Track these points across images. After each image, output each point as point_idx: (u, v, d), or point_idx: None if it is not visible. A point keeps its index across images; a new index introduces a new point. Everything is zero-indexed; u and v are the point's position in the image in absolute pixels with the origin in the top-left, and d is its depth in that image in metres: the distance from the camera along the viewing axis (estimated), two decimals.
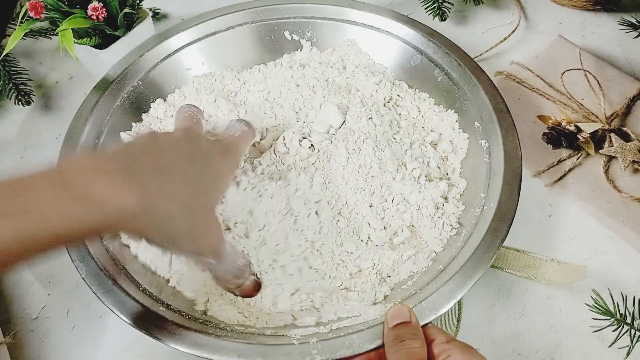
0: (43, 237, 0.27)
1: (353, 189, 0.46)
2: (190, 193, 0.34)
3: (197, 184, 0.35)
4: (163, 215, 0.32)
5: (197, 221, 0.35)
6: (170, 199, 0.33)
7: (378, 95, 0.54)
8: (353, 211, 0.46)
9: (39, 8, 0.53)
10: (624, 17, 0.66)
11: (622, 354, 0.41)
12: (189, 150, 0.37)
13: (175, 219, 0.33)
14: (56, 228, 0.28)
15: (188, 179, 0.35)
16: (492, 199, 0.44)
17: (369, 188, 0.46)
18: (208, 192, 0.37)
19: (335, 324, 0.40)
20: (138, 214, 0.31)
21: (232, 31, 0.60)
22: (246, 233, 0.44)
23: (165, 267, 0.44)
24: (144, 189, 0.31)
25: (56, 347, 0.46)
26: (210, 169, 0.37)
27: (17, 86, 0.61)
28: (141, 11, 0.61)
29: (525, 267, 0.46)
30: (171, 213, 0.33)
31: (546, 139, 0.55)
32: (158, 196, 0.32)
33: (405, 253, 0.45)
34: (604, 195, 0.52)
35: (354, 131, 0.48)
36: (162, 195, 0.32)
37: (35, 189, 0.28)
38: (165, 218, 0.32)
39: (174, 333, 0.38)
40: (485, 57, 0.65)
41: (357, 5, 0.59)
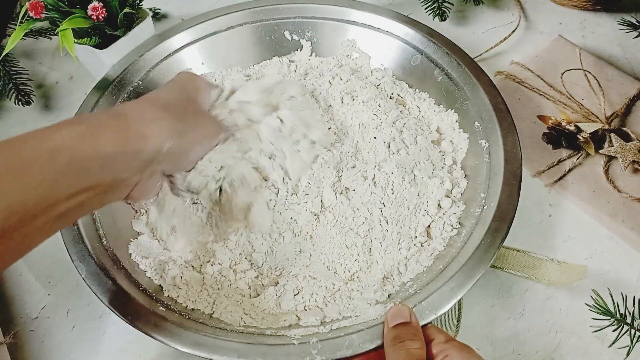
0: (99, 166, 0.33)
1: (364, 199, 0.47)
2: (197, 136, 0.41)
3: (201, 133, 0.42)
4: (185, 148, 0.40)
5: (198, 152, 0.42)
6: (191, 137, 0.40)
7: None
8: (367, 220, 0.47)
9: (39, 8, 0.53)
10: (624, 17, 0.66)
11: (622, 354, 0.41)
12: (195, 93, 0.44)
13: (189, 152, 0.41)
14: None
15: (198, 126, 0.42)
16: (492, 199, 0.44)
17: (379, 198, 0.47)
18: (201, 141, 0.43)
19: (335, 324, 0.40)
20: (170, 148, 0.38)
21: (232, 31, 0.60)
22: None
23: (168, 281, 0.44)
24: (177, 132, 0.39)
25: (56, 347, 0.46)
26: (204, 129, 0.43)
27: (17, 86, 0.61)
28: (141, 11, 0.61)
29: (525, 267, 0.46)
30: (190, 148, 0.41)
31: (546, 139, 0.55)
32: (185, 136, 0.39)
33: (409, 252, 0.45)
34: (604, 195, 0.52)
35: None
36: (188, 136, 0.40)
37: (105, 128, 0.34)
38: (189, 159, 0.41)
39: (174, 333, 0.38)
40: (485, 57, 0.65)
41: (357, 5, 0.59)
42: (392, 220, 0.46)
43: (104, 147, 0.33)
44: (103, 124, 0.35)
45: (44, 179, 0.30)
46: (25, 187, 0.29)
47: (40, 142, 0.31)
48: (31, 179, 0.29)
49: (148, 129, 0.36)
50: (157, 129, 0.37)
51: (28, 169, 0.30)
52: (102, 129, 0.34)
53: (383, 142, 0.49)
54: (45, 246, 0.33)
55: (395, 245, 0.46)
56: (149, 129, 0.36)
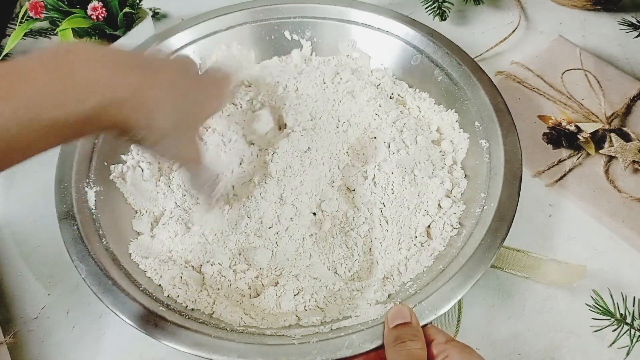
0: (38, 122, 0.29)
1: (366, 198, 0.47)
2: (180, 101, 0.37)
3: (188, 98, 0.38)
4: (150, 105, 0.34)
5: (181, 128, 0.38)
6: (162, 96, 0.35)
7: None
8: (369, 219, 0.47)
9: (39, 8, 0.53)
10: (624, 17, 0.66)
11: (622, 354, 0.41)
12: (187, 70, 0.40)
13: (160, 113, 0.35)
14: (49, 112, 0.29)
15: (180, 90, 0.37)
16: (493, 199, 0.44)
17: (380, 198, 0.47)
18: (196, 112, 0.40)
19: (335, 324, 0.40)
20: (127, 100, 0.32)
21: (232, 31, 0.60)
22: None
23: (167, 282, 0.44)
24: (138, 82, 0.33)
25: (56, 347, 0.46)
26: (203, 94, 0.40)
27: None
28: (141, 11, 0.61)
29: (525, 267, 0.46)
30: (159, 107, 0.35)
31: (546, 139, 0.55)
32: (149, 91, 0.34)
33: (409, 252, 0.45)
34: (604, 195, 0.51)
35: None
36: (154, 91, 0.35)
37: (29, 73, 0.29)
38: (152, 108, 0.34)
39: (174, 333, 0.38)
40: (486, 57, 0.65)
41: (357, 5, 0.59)
42: (392, 220, 0.46)
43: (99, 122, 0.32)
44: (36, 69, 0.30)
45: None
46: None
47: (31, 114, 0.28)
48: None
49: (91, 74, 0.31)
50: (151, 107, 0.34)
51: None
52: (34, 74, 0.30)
53: (383, 142, 0.49)
54: (46, 246, 0.33)
55: (395, 245, 0.46)
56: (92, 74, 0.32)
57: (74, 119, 0.30)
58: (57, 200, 0.45)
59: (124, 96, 0.32)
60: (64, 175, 0.47)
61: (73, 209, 0.45)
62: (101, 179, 0.49)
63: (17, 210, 0.55)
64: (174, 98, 0.36)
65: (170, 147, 0.38)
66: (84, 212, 0.45)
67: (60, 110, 0.29)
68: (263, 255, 0.45)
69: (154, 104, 0.34)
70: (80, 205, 0.45)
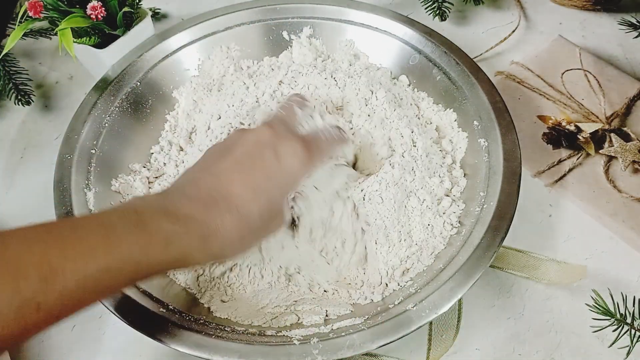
0: (129, 274, 0.30)
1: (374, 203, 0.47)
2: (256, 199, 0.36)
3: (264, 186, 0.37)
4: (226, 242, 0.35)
5: (270, 222, 0.38)
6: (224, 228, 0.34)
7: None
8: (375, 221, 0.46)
9: (38, 7, 0.53)
10: (624, 17, 0.66)
11: (622, 354, 0.41)
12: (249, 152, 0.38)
13: (226, 246, 0.35)
14: (139, 265, 0.30)
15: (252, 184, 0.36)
16: (492, 198, 0.44)
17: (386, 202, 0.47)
18: (276, 198, 0.38)
19: (336, 324, 0.40)
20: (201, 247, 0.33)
21: (231, 31, 0.60)
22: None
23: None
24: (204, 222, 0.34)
25: (56, 347, 0.46)
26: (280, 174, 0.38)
27: (17, 86, 0.61)
28: (141, 10, 0.61)
29: (525, 267, 0.46)
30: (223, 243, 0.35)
31: (546, 139, 0.55)
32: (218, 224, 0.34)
33: (410, 250, 0.45)
34: (604, 195, 0.52)
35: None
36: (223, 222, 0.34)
37: (115, 227, 0.30)
38: (218, 249, 0.35)
39: (175, 334, 0.38)
40: (485, 57, 0.65)
41: (355, 5, 0.59)
42: (392, 219, 0.46)
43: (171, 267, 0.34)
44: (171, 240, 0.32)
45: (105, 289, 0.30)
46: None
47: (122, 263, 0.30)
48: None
49: (216, 251, 0.35)
50: (220, 256, 0.36)
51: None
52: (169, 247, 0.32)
53: (383, 142, 0.49)
54: None
55: (395, 244, 0.46)
56: (216, 252, 0.35)
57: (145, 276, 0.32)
58: (56, 202, 0.45)
59: (193, 252, 0.33)
60: (62, 176, 0.47)
61: (72, 211, 0.45)
62: (100, 181, 0.49)
63: (17, 211, 0.55)
64: (239, 230, 0.35)
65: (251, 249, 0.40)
66: (83, 213, 0.45)
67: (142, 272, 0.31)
68: (264, 255, 0.45)
69: (220, 244, 0.34)
70: (80, 207, 0.45)
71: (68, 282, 0.27)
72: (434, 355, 0.42)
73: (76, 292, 0.28)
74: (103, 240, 0.29)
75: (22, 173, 0.58)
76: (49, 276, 0.26)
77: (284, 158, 0.38)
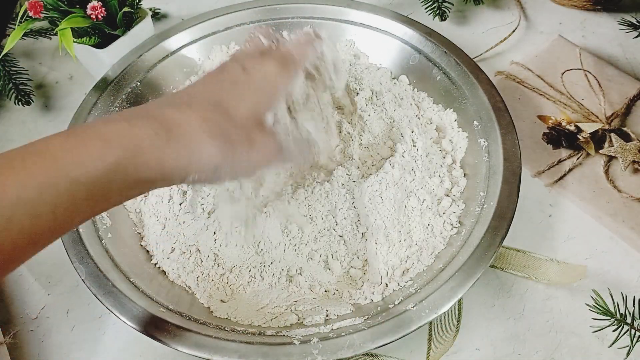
0: (61, 185, 0.26)
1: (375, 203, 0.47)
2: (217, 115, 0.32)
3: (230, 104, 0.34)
4: (179, 143, 0.30)
5: (234, 144, 0.32)
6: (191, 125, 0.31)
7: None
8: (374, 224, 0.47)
9: (38, 7, 0.53)
10: (624, 17, 0.66)
11: (622, 354, 0.41)
12: (223, 71, 0.36)
13: (195, 144, 0.31)
14: (70, 171, 0.27)
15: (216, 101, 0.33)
16: (492, 198, 0.44)
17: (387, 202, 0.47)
18: (247, 111, 0.34)
19: (336, 324, 0.40)
20: (148, 148, 0.29)
21: (231, 31, 0.60)
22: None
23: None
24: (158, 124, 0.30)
25: (56, 347, 0.46)
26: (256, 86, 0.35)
27: (17, 86, 0.61)
28: (141, 10, 0.61)
29: (525, 267, 0.46)
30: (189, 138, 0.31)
31: (546, 139, 0.55)
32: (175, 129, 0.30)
33: (410, 249, 0.45)
34: (604, 195, 0.52)
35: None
36: (180, 126, 0.31)
37: (48, 142, 0.28)
38: (182, 145, 0.30)
39: (175, 334, 0.38)
40: (485, 57, 0.65)
41: (355, 5, 0.59)
42: (392, 219, 0.46)
43: (135, 176, 0.29)
44: (139, 149, 0.29)
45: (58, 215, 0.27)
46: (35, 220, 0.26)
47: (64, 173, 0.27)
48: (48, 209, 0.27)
49: (180, 159, 0.30)
50: (188, 159, 0.30)
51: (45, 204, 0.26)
52: (138, 157, 0.29)
53: (391, 141, 0.49)
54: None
55: (395, 244, 0.46)
56: (180, 159, 0.30)
57: (93, 178, 0.27)
58: None
59: (144, 144, 0.29)
60: None
61: None
62: None
63: None
64: (206, 122, 0.31)
65: (236, 169, 0.33)
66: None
67: (79, 170, 0.27)
68: (265, 255, 0.45)
69: (183, 139, 0.30)
70: None
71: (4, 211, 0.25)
72: (434, 355, 0.42)
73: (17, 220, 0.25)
74: (31, 158, 0.27)
75: None
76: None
77: (251, 69, 0.35)
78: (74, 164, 0.27)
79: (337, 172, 0.47)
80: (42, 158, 0.27)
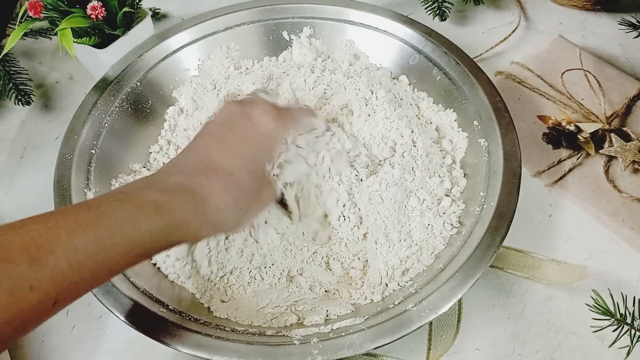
0: (121, 248, 0.29)
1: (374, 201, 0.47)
2: (237, 189, 0.37)
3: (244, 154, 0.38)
4: (221, 205, 0.35)
5: (249, 207, 0.39)
6: (216, 198, 0.35)
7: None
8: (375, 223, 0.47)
9: (38, 7, 0.53)
10: (624, 17, 0.66)
11: (622, 354, 0.41)
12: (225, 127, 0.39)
13: (221, 217, 0.36)
14: (131, 237, 0.30)
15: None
16: (492, 198, 0.44)
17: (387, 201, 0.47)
18: (258, 159, 0.40)
19: (336, 324, 0.40)
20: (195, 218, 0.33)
21: (231, 31, 0.60)
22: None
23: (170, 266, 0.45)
24: (194, 190, 0.34)
25: (56, 347, 0.46)
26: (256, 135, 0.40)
27: (17, 86, 0.61)
28: (141, 10, 0.61)
29: (525, 267, 0.46)
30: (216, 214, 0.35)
31: (546, 139, 0.55)
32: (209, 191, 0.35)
33: (410, 249, 0.45)
34: (604, 195, 0.52)
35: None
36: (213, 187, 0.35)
37: (101, 204, 0.30)
38: (211, 220, 0.35)
39: (175, 334, 0.38)
40: (485, 57, 0.65)
41: (355, 5, 0.59)
42: (392, 219, 0.46)
43: (172, 241, 0.33)
44: (176, 212, 0.32)
45: (112, 269, 0.30)
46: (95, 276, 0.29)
47: (121, 235, 0.29)
48: (104, 268, 0.29)
49: (207, 224, 0.35)
50: (218, 224, 0.36)
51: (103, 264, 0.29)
52: (179, 226, 0.33)
53: (391, 141, 0.49)
54: None
55: (395, 244, 0.46)
56: (208, 224, 0.35)
57: (144, 240, 0.31)
58: (56, 202, 0.45)
59: (186, 219, 0.33)
60: (62, 176, 0.47)
61: None
62: (100, 181, 0.49)
63: (17, 212, 0.55)
64: (230, 192, 0.36)
65: (247, 222, 0.40)
66: None
67: (136, 232, 0.30)
68: (265, 256, 0.45)
69: (216, 212, 0.35)
70: None
71: (59, 261, 0.26)
72: (434, 355, 0.42)
73: (69, 271, 0.27)
74: (89, 216, 0.29)
75: (22, 173, 0.58)
76: (37, 256, 0.26)
77: (257, 119, 0.39)
78: (133, 229, 0.30)
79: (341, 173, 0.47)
80: (106, 219, 0.29)
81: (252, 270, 0.45)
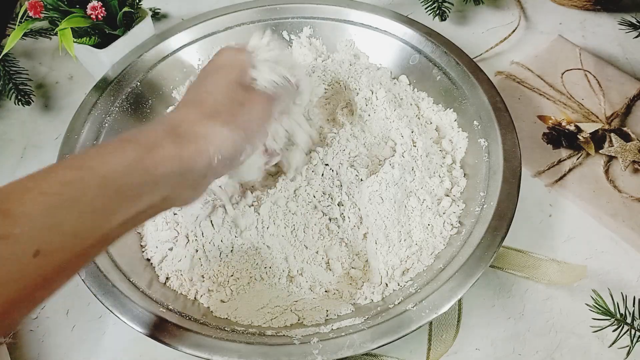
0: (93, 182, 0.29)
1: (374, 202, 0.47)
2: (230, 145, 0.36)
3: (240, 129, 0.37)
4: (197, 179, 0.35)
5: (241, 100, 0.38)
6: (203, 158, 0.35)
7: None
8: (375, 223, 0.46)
9: (39, 7, 0.53)
10: (624, 17, 0.66)
11: (622, 354, 0.41)
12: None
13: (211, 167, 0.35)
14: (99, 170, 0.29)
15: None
16: (492, 198, 0.44)
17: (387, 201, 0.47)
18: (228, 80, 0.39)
19: (336, 324, 0.40)
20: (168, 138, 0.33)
21: (231, 31, 0.60)
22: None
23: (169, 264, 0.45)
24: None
25: (56, 347, 0.46)
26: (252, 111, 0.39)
27: (17, 86, 0.61)
28: (141, 10, 0.61)
29: (525, 267, 0.46)
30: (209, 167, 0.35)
31: (546, 139, 0.55)
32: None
33: (410, 249, 0.45)
34: (604, 195, 0.52)
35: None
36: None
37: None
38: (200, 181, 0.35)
39: (175, 334, 0.38)
40: (485, 57, 0.65)
41: (355, 5, 0.59)
42: (392, 219, 0.46)
43: (156, 171, 0.31)
44: (155, 143, 0.32)
45: (95, 209, 0.28)
46: (77, 219, 0.27)
47: (90, 170, 0.29)
48: (84, 208, 0.28)
49: (198, 144, 0.34)
50: (205, 144, 0.34)
51: (79, 201, 0.28)
52: (155, 150, 0.32)
53: (392, 141, 0.49)
54: None
55: (395, 244, 0.46)
56: (198, 144, 0.34)
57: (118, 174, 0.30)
58: None
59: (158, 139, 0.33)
60: None
61: None
62: None
63: None
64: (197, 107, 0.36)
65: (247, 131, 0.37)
66: None
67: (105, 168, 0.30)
68: (264, 255, 0.45)
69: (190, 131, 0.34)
70: None
71: (30, 204, 0.27)
72: (434, 355, 0.42)
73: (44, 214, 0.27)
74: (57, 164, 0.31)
75: (22, 173, 0.57)
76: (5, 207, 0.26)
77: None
78: (102, 163, 0.30)
79: (341, 172, 0.47)
80: (78, 161, 0.30)
81: (252, 271, 0.45)
